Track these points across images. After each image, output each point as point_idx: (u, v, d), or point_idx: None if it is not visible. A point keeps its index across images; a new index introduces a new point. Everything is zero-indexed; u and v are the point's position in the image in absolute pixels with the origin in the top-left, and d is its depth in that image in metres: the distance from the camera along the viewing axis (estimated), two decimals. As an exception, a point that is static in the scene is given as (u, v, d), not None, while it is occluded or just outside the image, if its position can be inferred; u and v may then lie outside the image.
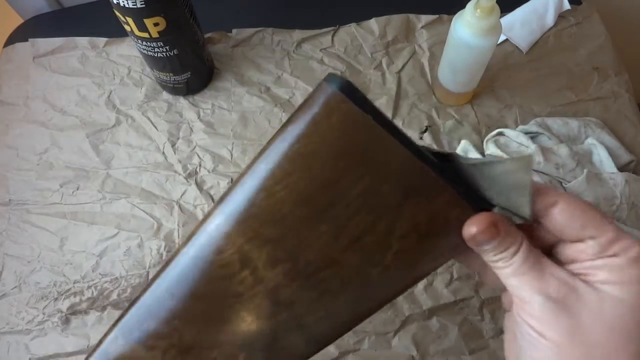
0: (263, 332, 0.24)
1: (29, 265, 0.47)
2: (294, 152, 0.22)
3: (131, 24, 0.44)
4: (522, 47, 0.56)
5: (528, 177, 0.21)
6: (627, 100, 0.54)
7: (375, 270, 0.23)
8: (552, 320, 0.22)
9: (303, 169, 0.22)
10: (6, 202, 0.50)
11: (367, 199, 0.22)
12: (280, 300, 0.23)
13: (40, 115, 0.54)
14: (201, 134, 0.52)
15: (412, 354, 0.43)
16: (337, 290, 0.23)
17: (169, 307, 0.24)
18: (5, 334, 0.44)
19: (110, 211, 0.49)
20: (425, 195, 0.22)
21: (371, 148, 0.21)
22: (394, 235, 0.22)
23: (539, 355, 0.23)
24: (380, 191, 0.22)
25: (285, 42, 0.57)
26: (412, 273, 0.24)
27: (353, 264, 0.23)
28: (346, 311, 0.24)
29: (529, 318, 0.23)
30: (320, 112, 0.21)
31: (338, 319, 0.24)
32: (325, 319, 0.24)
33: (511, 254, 0.23)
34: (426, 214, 0.22)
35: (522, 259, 0.23)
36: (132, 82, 0.55)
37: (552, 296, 0.22)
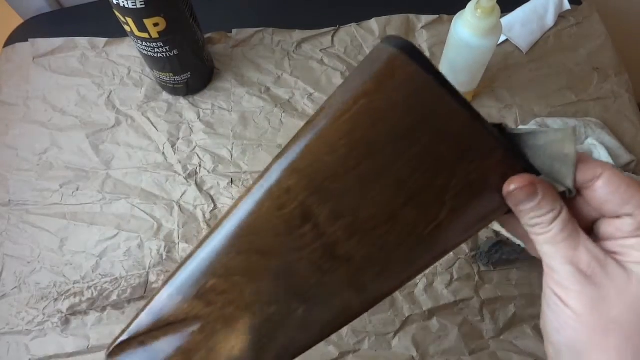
0: (321, 287, 0.24)
1: (29, 266, 0.47)
2: (358, 109, 0.22)
3: (131, 24, 0.44)
4: (522, 47, 0.56)
5: (572, 146, 0.22)
6: (627, 100, 0.54)
7: (430, 227, 0.23)
8: (577, 290, 0.22)
9: (367, 125, 0.22)
10: (6, 202, 0.50)
11: (426, 157, 0.22)
12: (340, 254, 0.23)
13: (40, 116, 0.54)
14: (201, 134, 0.52)
15: (412, 354, 0.43)
16: (393, 246, 0.24)
17: (231, 263, 0.24)
18: (5, 334, 0.44)
19: (110, 212, 0.49)
20: (479, 154, 0.22)
21: (432, 108, 0.22)
22: (449, 193, 0.23)
23: (559, 323, 0.23)
24: (439, 150, 0.22)
25: (285, 42, 0.57)
26: (462, 232, 0.24)
27: (410, 220, 0.23)
28: (400, 268, 0.24)
29: (555, 286, 0.23)
30: (384, 71, 0.22)
31: (392, 275, 0.25)
32: (380, 275, 0.24)
33: (549, 221, 0.23)
34: (479, 173, 0.23)
35: (559, 228, 0.23)
36: (132, 83, 0.55)
37: (582, 269, 0.22)
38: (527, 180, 0.23)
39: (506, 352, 0.43)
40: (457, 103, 0.21)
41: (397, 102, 0.22)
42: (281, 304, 0.24)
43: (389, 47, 0.22)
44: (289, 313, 0.24)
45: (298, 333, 0.25)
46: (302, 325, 0.25)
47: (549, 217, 0.23)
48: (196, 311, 0.24)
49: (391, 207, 0.23)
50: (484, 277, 0.45)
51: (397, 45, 0.21)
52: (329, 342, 0.43)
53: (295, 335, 0.25)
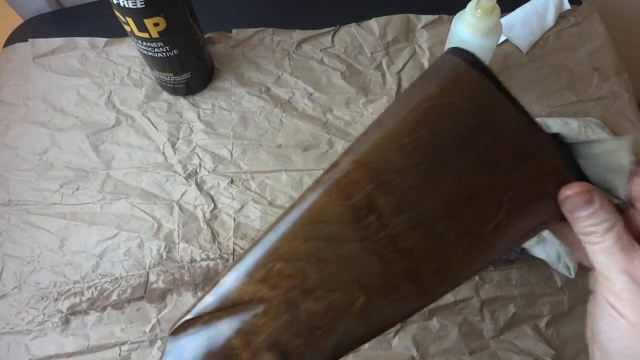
0: (383, 278, 0.25)
1: (29, 266, 0.47)
2: (423, 110, 0.24)
3: (131, 24, 0.44)
4: (522, 47, 0.56)
5: (628, 157, 0.22)
6: (627, 100, 0.54)
7: (488, 227, 0.24)
8: (632, 300, 0.22)
9: (431, 125, 0.24)
10: (6, 202, 0.50)
11: (485, 158, 0.24)
12: (401, 247, 0.24)
13: (40, 115, 0.54)
14: (201, 134, 0.52)
15: (412, 354, 0.43)
16: (452, 243, 0.24)
17: (298, 248, 0.25)
18: (5, 334, 0.44)
19: (110, 211, 0.49)
20: (536, 159, 0.23)
21: (492, 112, 0.23)
22: (505, 195, 0.24)
23: (615, 334, 0.23)
24: (497, 152, 0.23)
25: (285, 42, 0.57)
26: (517, 237, 0.25)
27: (469, 218, 0.24)
28: (458, 265, 0.25)
29: (610, 296, 0.23)
30: (448, 78, 0.24)
31: (448, 273, 0.25)
32: (438, 272, 0.25)
33: (604, 230, 0.23)
34: (534, 178, 0.24)
35: (615, 239, 0.23)
36: (132, 82, 0.55)
37: (638, 279, 0.22)
38: (585, 187, 0.23)
39: (506, 352, 0.43)
40: (515, 109, 0.23)
41: (460, 105, 0.23)
42: (343, 291, 0.25)
43: (453, 57, 0.24)
44: (350, 301, 0.25)
45: (356, 323, 0.25)
46: (361, 315, 0.25)
47: (603, 226, 0.23)
48: (261, 294, 0.25)
49: (452, 204, 0.24)
50: (484, 277, 0.45)
51: (460, 55, 0.24)
52: (329, 342, 0.43)
53: (353, 325, 0.25)
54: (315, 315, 0.25)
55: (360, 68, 0.56)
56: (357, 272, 0.25)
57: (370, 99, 0.54)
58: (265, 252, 0.26)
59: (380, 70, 0.56)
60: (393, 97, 0.54)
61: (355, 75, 0.56)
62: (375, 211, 0.24)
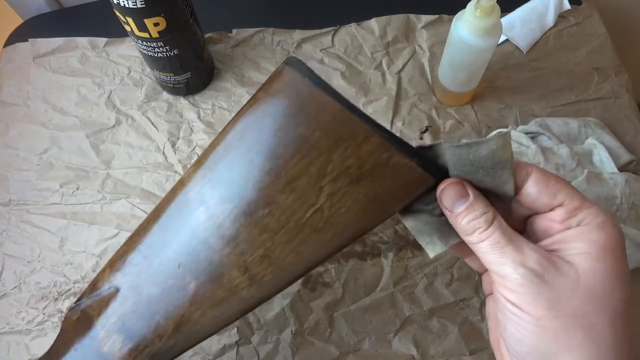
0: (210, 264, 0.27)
1: (29, 266, 0.47)
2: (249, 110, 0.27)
3: (131, 24, 0.44)
4: (522, 47, 0.56)
5: (510, 152, 0.23)
6: (627, 100, 0.54)
7: (309, 212, 0.25)
8: (533, 293, 0.22)
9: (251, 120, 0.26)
10: (6, 202, 0.50)
11: (302, 145, 0.25)
12: (226, 234, 0.26)
13: (40, 115, 0.54)
14: (201, 134, 0.52)
15: (413, 354, 0.43)
16: (274, 229, 0.26)
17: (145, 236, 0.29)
18: (5, 334, 0.44)
19: (111, 211, 0.49)
20: (352, 141, 0.24)
21: (307, 100, 0.25)
22: (325, 177, 0.25)
23: (520, 332, 0.23)
24: (313, 138, 0.24)
25: (285, 42, 0.57)
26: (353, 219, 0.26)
27: (287, 205, 0.25)
28: (287, 254, 0.26)
29: (508, 293, 0.23)
30: (271, 80, 0.27)
31: (279, 261, 0.26)
32: (266, 260, 0.26)
33: (486, 222, 0.23)
34: (355, 159, 0.24)
35: (500, 232, 0.23)
36: (132, 82, 0.55)
37: (534, 269, 0.22)
38: (456, 180, 0.24)
39: (506, 351, 0.43)
40: (328, 95, 0.24)
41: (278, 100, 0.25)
42: (175, 278, 0.27)
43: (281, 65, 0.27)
44: (183, 286, 0.27)
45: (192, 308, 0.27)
46: (194, 300, 0.27)
47: (484, 218, 0.23)
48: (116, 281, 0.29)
49: (269, 192, 0.25)
50: (484, 276, 0.45)
51: (287, 61, 0.26)
52: (329, 342, 0.43)
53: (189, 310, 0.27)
54: (155, 299, 0.27)
55: (361, 68, 0.56)
56: (187, 260, 0.27)
57: (370, 98, 0.54)
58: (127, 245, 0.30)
59: (380, 70, 0.56)
60: (393, 97, 0.54)
61: (355, 75, 0.56)
62: (204, 203, 0.27)
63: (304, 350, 0.43)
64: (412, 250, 0.46)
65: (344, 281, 0.45)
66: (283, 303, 0.44)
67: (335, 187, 0.25)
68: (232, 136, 0.27)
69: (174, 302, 0.27)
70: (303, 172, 0.25)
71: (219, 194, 0.26)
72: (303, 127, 0.25)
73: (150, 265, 0.28)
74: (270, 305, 0.44)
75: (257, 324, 0.44)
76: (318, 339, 0.43)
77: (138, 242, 0.29)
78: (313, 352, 0.43)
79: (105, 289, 0.29)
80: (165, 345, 0.28)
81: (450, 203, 0.24)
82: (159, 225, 0.29)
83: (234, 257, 0.26)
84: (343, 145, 0.24)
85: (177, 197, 0.28)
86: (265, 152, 0.25)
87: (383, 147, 0.24)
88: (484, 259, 0.24)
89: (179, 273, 0.27)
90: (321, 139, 0.24)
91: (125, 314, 0.28)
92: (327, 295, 0.45)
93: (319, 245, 0.26)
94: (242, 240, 0.26)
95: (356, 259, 0.46)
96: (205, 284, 0.27)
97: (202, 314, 0.27)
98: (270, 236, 0.26)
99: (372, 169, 0.24)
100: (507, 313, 0.23)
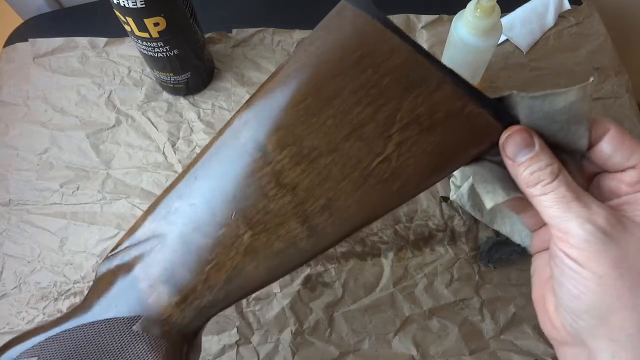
0: (267, 214, 0.25)
1: (29, 266, 0.47)
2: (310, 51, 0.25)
3: (131, 24, 0.44)
4: (522, 47, 0.56)
5: (588, 105, 0.22)
6: (627, 100, 0.54)
7: (375, 161, 0.24)
8: (598, 250, 0.21)
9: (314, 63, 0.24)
10: (6, 202, 0.50)
11: (369, 90, 0.23)
12: (285, 183, 0.25)
13: (40, 115, 0.54)
14: (201, 134, 0.52)
15: (413, 354, 0.43)
16: (338, 178, 0.24)
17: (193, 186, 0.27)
18: (5, 334, 0.44)
19: (111, 211, 0.49)
20: (425, 87, 0.23)
21: (376, 46, 0.23)
22: (394, 126, 0.23)
23: (578, 288, 0.22)
24: (382, 83, 0.23)
25: (285, 42, 0.57)
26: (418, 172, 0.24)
27: (353, 153, 0.24)
28: (350, 204, 0.25)
29: (570, 249, 0.22)
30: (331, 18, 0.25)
31: (341, 211, 0.25)
32: (327, 209, 0.25)
33: (550, 175, 0.22)
34: (427, 107, 0.23)
35: (566, 186, 0.22)
36: (132, 82, 0.55)
37: (601, 226, 0.21)
38: (523, 128, 0.23)
39: (506, 352, 0.43)
40: (399, 38, 0.23)
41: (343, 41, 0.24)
42: (228, 226, 0.26)
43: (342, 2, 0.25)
44: (236, 236, 0.26)
45: (245, 259, 0.26)
46: (248, 250, 0.26)
47: (549, 170, 0.22)
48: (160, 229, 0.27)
49: (334, 139, 0.24)
50: (484, 277, 0.45)
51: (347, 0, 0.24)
52: (329, 342, 0.43)
53: (242, 261, 0.26)
54: (205, 249, 0.26)
55: (360, 68, 0.56)
56: (242, 208, 0.26)
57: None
58: (168, 192, 0.28)
59: (380, 70, 0.56)
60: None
61: (355, 75, 0.55)
62: (260, 148, 0.25)
63: (304, 350, 0.43)
64: (412, 250, 0.46)
65: (344, 281, 0.45)
66: (283, 303, 0.44)
67: (404, 135, 0.23)
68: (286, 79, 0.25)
69: (227, 253, 0.26)
70: (370, 120, 0.24)
71: (276, 138, 0.25)
72: (370, 72, 0.23)
73: (199, 214, 0.26)
74: (270, 305, 0.44)
75: (257, 324, 0.44)
76: (318, 339, 0.43)
77: (183, 189, 0.27)
78: (313, 352, 0.43)
79: (146, 238, 0.27)
80: (216, 298, 0.27)
81: (514, 151, 0.23)
82: (207, 171, 0.26)
83: (293, 207, 0.25)
84: (414, 92, 0.23)
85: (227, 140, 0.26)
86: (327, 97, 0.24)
87: (457, 95, 0.23)
88: (545, 212, 0.23)
89: (232, 222, 0.26)
90: (390, 84, 0.23)
91: (172, 265, 0.27)
92: (327, 295, 0.45)
93: (383, 197, 0.25)
94: (302, 189, 0.25)
95: (356, 259, 0.46)
96: (260, 235, 0.25)
97: (257, 266, 0.26)
98: (333, 185, 0.24)
99: (444, 117, 0.23)
100: (566, 269, 0.22)
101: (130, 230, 0.28)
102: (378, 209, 0.25)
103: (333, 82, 0.24)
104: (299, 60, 0.25)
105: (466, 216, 0.47)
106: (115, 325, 0.27)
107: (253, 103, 0.26)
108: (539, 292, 0.26)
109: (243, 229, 0.26)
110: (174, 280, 0.27)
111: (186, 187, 0.27)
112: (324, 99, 0.24)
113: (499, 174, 0.25)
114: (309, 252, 0.26)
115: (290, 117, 0.25)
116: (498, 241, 0.45)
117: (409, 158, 0.24)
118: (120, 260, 0.28)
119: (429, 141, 0.24)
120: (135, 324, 0.27)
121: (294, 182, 0.25)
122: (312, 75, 0.24)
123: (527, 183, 0.23)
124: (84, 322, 0.27)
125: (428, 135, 0.23)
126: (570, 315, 0.23)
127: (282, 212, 0.25)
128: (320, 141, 0.24)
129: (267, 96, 0.25)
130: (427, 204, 0.48)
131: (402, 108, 0.23)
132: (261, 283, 0.27)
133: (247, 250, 0.26)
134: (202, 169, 0.27)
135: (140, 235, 0.28)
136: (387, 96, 0.23)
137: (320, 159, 0.24)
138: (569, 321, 0.23)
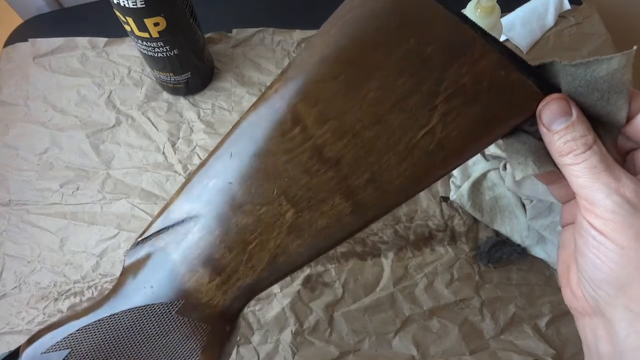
0: (310, 191, 0.25)
1: (29, 266, 0.47)
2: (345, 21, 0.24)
3: (131, 24, 0.44)
4: (523, 47, 0.56)
5: (630, 74, 0.21)
6: (627, 100, 0.54)
7: (420, 133, 0.23)
8: (623, 222, 0.21)
9: (352, 34, 0.23)
10: (6, 202, 0.50)
11: (412, 60, 0.23)
12: (327, 157, 0.24)
13: (40, 115, 0.54)
14: (201, 134, 0.52)
15: (413, 354, 0.43)
16: (382, 152, 0.24)
17: (228, 163, 0.26)
18: (5, 334, 0.44)
19: (111, 211, 0.49)
20: (469, 56, 0.22)
21: (417, 11, 0.22)
22: (439, 96, 0.23)
23: (600, 258, 0.22)
24: (425, 53, 0.22)
25: (285, 42, 0.57)
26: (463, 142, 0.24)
27: (398, 125, 0.23)
28: (395, 177, 0.24)
29: (596, 220, 0.22)
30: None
31: (386, 184, 0.24)
32: (371, 183, 0.24)
33: (584, 146, 0.22)
34: (471, 76, 0.22)
35: (599, 157, 0.22)
36: (132, 82, 0.55)
37: (629, 198, 0.21)
38: (562, 96, 0.22)
39: (506, 352, 0.43)
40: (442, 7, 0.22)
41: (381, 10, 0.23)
42: (269, 205, 0.25)
43: None
44: (279, 214, 0.25)
45: (289, 238, 0.25)
46: (292, 229, 0.25)
47: (583, 140, 0.22)
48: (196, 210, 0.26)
49: (377, 110, 0.23)
50: (484, 276, 0.45)
51: None
52: (329, 342, 0.43)
53: (285, 239, 0.25)
54: (245, 229, 0.25)
55: (361, 68, 0.56)
56: (283, 185, 0.25)
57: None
58: (202, 171, 0.27)
59: (381, 70, 0.56)
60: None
61: (356, 75, 0.56)
62: (299, 122, 0.24)
63: (304, 350, 0.43)
64: (412, 250, 0.46)
65: (344, 281, 0.45)
66: (283, 303, 0.44)
67: (448, 106, 0.23)
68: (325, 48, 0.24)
69: (269, 232, 0.25)
70: (414, 91, 0.23)
71: (316, 113, 0.24)
72: (413, 42, 0.22)
73: (237, 193, 0.25)
74: (270, 305, 0.44)
75: (257, 324, 0.44)
76: (318, 339, 0.43)
77: (217, 168, 0.26)
78: (313, 352, 0.43)
79: (181, 220, 0.26)
80: (259, 277, 0.26)
81: (550, 119, 0.23)
82: (242, 149, 0.25)
83: (337, 182, 0.24)
84: (458, 61, 0.22)
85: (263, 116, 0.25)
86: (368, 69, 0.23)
87: (501, 63, 0.22)
88: (574, 182, 0.23)
89: (274, 200, 0.25)
90: (434, 54, 0.22)
91: (211, 247, 0.26)
92: (327, 295, 0.45)
93: (427, 169, 0.24)
94: (346, 164, 0.24)
95: (356, 259, 0.46)
96: (304, 212, 0.25)
97: (301, 244, 0.25)
98: (377, 159, 0.24)
99: (489, 87, 0.22)
100: (589, 239, 0.22)
101: (161, 211, 0.27)
102: (423, 181, 0.25)
103: (374, 54, 0.23)
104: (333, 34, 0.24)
105: (466, 216, 0.48)
106: (155, 311, 0.26)
107: (288, 76, 0.25)
108: (564, 263, 0.26)
109: (285, 207, 0.25)
110: (214, 262, 0.26)
111: (221, 165, 0.26)
112: (365, 72, 0.23)
113: (533, 146, 0.24)
114: (352, 228, 0.25)
115: (329, 91, 0.24)
116: (498, 241, 0.45)
117: (454, 129, 0.23)
118: (153, 246, 0.27)
119: (473, 111, 0.23)
120: (176, 309, 0.26)
121: (336, 156, 0.24)
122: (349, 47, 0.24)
123: (560, 152, 0.23)
124: (120, 310, 0.26)
125: (472, 105, 0.23)
126: (590, 285, 0.23)
127: (325, 188, 0.25)
128: (363, 114, 0.24)
129: (303, 71, 0.24)
130: (427, 204, 0.48)
131: (446, 78, 0.23)
132: (304, 260, 0.26)
133: (290, 228, 0.25)
134: (237, 145, 0.26)
135: (174, 217, 0.27)
136: (431, 66, 0.23)
137: (364, 132, 0.24)
138: (589, 291, 0.23)
